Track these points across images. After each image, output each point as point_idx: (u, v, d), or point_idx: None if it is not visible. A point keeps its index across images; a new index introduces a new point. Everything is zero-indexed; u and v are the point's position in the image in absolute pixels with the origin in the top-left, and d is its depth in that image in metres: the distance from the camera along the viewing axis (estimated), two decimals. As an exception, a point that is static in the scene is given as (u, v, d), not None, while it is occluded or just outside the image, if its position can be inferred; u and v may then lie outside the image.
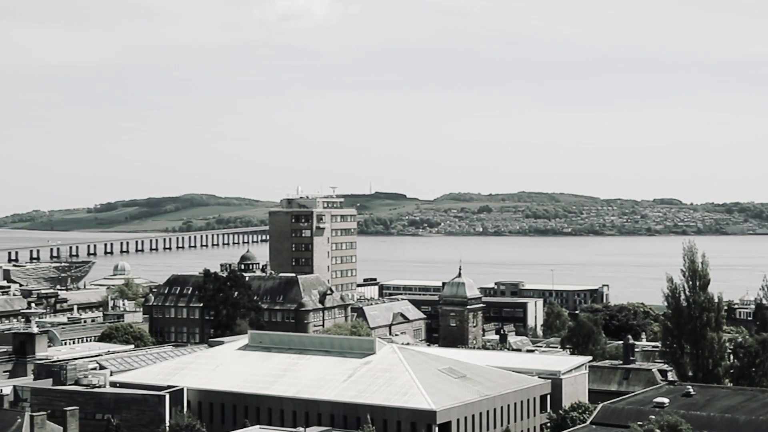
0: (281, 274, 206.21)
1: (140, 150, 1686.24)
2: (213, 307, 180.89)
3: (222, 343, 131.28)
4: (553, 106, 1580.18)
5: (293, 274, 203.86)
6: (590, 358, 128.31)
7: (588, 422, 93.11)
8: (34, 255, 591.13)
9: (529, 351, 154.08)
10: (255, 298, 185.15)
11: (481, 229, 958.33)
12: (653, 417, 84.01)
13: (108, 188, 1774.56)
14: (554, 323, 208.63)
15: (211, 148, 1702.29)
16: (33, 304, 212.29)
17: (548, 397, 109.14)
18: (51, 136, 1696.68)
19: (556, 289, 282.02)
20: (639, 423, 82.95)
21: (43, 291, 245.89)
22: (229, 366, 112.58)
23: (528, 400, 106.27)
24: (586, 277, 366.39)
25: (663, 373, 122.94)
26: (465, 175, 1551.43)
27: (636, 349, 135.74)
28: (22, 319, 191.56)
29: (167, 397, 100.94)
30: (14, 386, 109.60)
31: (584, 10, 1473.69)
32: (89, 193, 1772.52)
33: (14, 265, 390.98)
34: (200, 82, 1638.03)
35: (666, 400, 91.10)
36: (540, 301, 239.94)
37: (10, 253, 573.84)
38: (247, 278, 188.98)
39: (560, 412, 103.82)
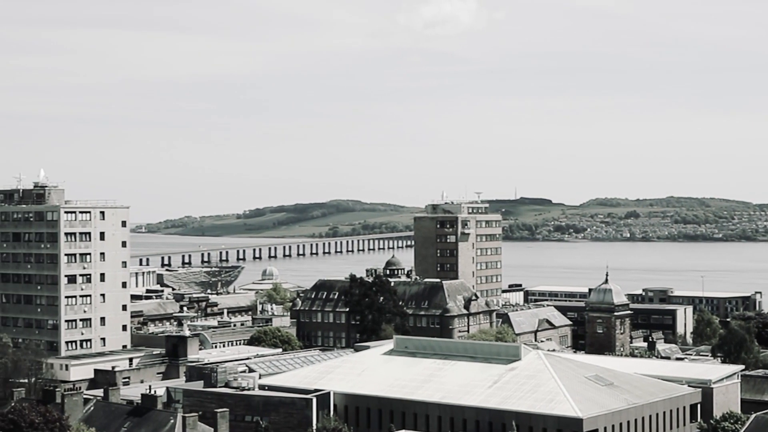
0: (426, 280, 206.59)
1: (288, 157, 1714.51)
2: (359, 312, 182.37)
3: (368, 347, 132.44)
4: (703, 109, 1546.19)
5: (438, 280, 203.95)
6: (742, 367, 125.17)
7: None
8: (186, 260, 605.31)
9: (678, 359, 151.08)
10: (400, 303, 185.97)
11: (628, 235, 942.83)
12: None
13: (257, 194, 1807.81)
14: (704, 331, 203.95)
15: (357, 154, 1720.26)
16: (185, 308, 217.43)
17: (698, 406, 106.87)
18: (201, 143, 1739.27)
19: (706, 296, 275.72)
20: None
21: (194, 295, 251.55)
22: (375, 370, 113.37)
23: (677, 409, 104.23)
24: (738, 284, 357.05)
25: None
26: (612, 179, 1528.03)
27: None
28: (175, 323, 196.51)
29: (314, 400, 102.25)
30: (167, 388, 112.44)
31: (735, 10, 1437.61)
32: (238, 199, 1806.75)
33: (167, 270, 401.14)
34: (348, 90, 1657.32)
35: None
36: (689, 308, 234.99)
37: (163, 258, 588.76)
38: (392, 283, 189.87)
39: (711, 422, 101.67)
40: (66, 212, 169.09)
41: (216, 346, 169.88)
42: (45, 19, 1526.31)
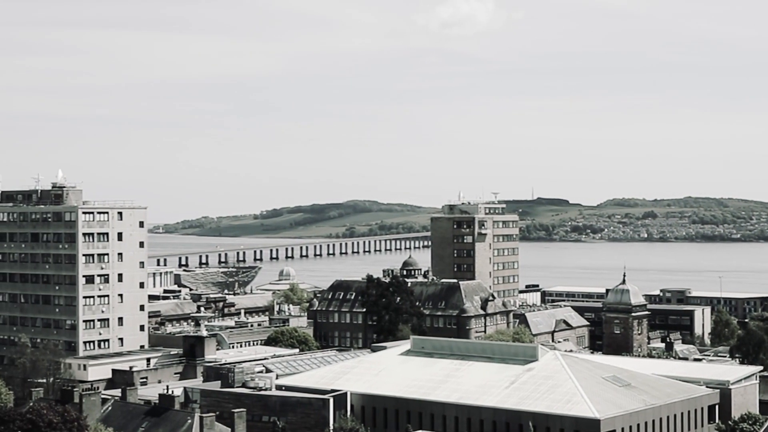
0: (443, 280, 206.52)
1: (305, 157, 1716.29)
2: (376, 313, 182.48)
3: (384, 348, 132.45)
4: (721, 109, 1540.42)
5: (455, 280, 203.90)
6: (761, 368, 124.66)
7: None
8: (203, 260, 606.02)
9: (696, 360, 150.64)
10: (417, 303, 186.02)
11: (645, 235, 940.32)
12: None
13: (273, 195, 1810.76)
14: (722, 332, 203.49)
15: (374, 154, 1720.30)
16: (202, 308, 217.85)
17: (716, 407, 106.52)
18: (219, 144, 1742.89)
19: (724, 296, 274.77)
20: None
21: (211, 295, 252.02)
22: (392, 371, 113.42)
23: (695, 410, 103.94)
24: (756, 285, 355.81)
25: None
26: (629, 180, 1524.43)
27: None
28: (192, 323, 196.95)
29: (331, 400, 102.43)
30: (185, 388, 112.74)
31: (754, 10, 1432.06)
32: (255, 199, 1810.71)
33: (184, 270, 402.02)
34: (365, 90, 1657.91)
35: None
36: (707, 309, 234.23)
37: (180, 259, 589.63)
38: (409, 284, 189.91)
39: (729, 423, 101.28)
40: (84, 213, 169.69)
41: (233, 347, 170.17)
42: (57, 20, 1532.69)
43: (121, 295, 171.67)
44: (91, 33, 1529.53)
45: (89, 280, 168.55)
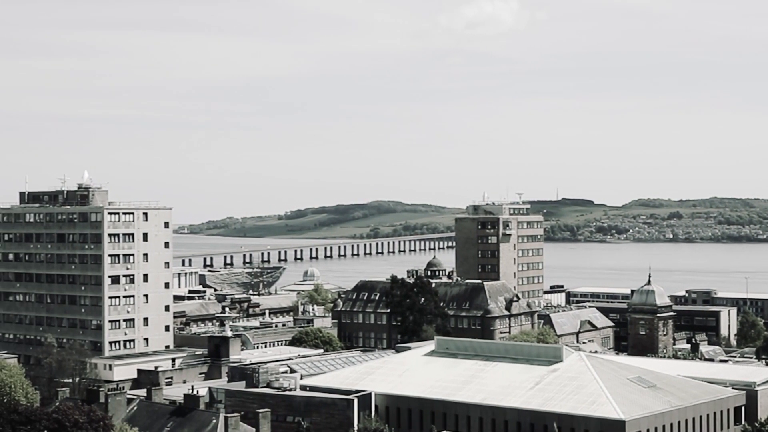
0: (467, 281, 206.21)
1: (329, 158, 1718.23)
2: (400, 313, 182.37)
3: (409, 348, 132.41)
4: (746, 109, 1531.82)
5: (479, 281, 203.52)
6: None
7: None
8: (228, 261, 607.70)
9: (722, 361, 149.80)
10: (441, 304, 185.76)
11: (671, 236, 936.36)
12: None
13: (298, 196, 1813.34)
14: (749, 333, 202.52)
15: (398, 155, 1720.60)
16: (227, 309, 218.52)
17: (743, 409, 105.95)
18: (243, 145, 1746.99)
19: (750, 297, 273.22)
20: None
21: (236, 296, 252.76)
22: (416, 371, 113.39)
23: (721, 412, 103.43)
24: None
25: None
26: (654, 180, 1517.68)
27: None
28: (217, 323, 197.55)
29: (355, 401, 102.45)
30: (209, 388, 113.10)
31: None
32: (280, 200, 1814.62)
33: (209, 271, 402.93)
34: (389, 91, 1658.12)
35: None
36: (734, 310, 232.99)
37: (205, 259, 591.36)
38: (433, 284, 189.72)
39: (756, 424, 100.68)
40: (109, 213, 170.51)
41: (258, 347, 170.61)
42: (77, 22, 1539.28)
43: (146, 296, 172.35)
44: (112, 34, 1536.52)
45: (115, 280, 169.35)
